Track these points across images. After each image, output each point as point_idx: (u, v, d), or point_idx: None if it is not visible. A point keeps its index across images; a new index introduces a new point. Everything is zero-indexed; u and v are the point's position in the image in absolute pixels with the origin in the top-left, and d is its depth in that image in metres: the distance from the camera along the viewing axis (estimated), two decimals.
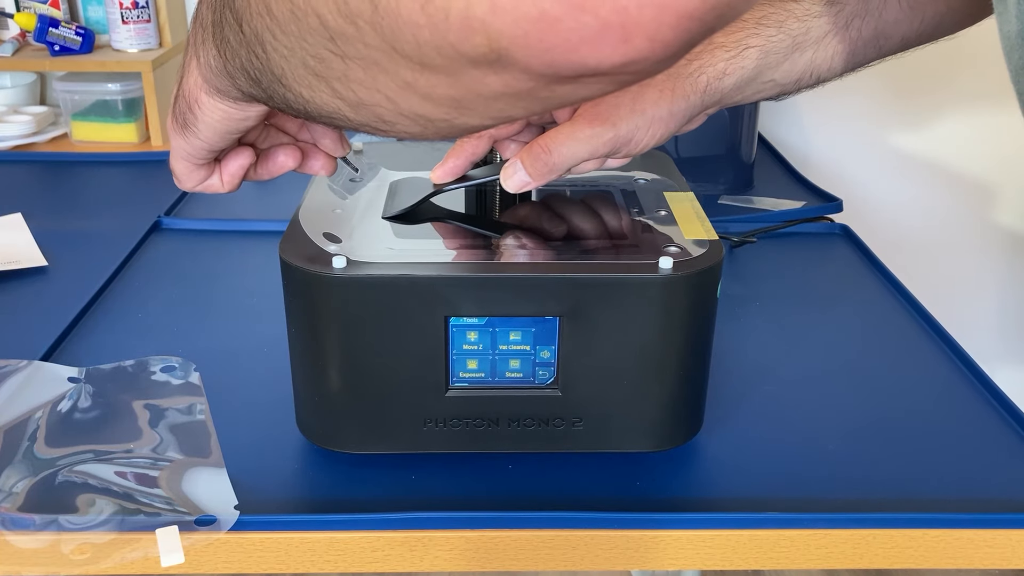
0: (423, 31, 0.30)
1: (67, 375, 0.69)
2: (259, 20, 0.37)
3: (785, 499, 0.59)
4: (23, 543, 0.54)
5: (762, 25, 0.61)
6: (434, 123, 0.37)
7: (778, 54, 0.61)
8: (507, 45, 0.29)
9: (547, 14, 0.28)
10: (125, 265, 0.90)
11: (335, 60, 0.35)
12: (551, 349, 0.57)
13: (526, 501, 0.58)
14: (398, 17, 0.31)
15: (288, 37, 0.36)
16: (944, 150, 1.53)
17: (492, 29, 0.29)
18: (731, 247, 0.96)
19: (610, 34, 0.28)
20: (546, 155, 0.57)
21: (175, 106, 0.51)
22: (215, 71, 0.45)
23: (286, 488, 0.59)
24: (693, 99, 0.60)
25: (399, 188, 0.67)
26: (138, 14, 1.29)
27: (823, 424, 0.67)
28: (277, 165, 0.57)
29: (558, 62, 0.30)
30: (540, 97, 0.33)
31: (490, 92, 0.33)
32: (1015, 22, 0.44)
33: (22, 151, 1.27)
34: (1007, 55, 0.47)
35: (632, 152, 0.60)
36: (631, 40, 0.29)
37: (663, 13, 0.28)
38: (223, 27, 0.42)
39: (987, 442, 0.66)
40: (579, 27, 0.28)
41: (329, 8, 0.33)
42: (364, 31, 0.32)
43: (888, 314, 0.84)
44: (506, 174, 0.58)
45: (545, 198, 0.67)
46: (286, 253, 0.56)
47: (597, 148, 0.58)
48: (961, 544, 0.58)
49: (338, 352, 0.57)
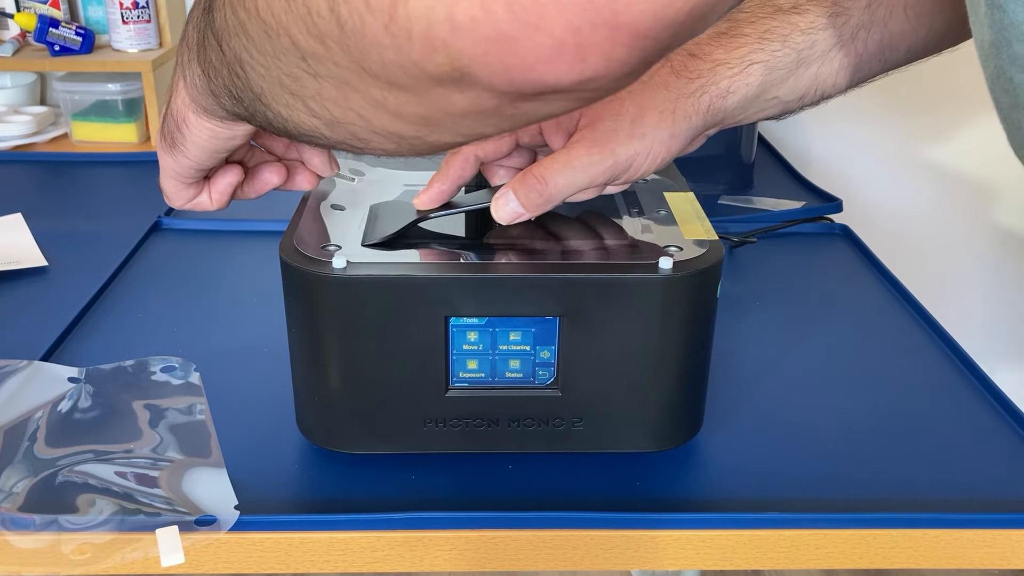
0: (388, 51, 0.31)
1: (67, 375, 0.69)
2: (237, 40, 0.38)
3: (785, 499, 0.59)
4: (23, 543, 0.54)
5: (766, 40, 0.58)
6: (407, 140, 0.38)
7: (783, 70, 0.58)
8: (468, 63, 0.30)
9: (504, 34, 0.29)
10: (125, 265, 0.90)
11: (308, 79, 0.36)
12: (551, 349, 0.57)
13: (526, 501, 0.58)
14: (363, 37, 0.31)
15: (264, 56, 0.37)
16: (944, 150, 1.53)
17: (453, 49, 0.30)
18: (731, 247, 0.96)
19: (565, 53, 0.29)
20: (541, 185, 0.54)
21: (163, 126, 0.51)
22: (200, 90, 0.46)
23: (286, 488, 0.59)
24: (695, 120, 0.57)
25: (380, 212, 0.62)
26: (138, 14, 1.29)
27: (823, 424, 0.67)
28: (263, 182, 0.58)
29: (517, 80, 0.30)
30: (507, 114, 0.34)
31: (457, 110, 0.34)
32: (987, 31, 0.44)
33: (22, 151, 1.27)
34: (982, 63, 0.47)
35: (631, 178, 0.57)
36: (587, 59, 0.30)
37: (617, 33, 0.29)
38: (206, 47, 0.43)
39: (987, 442, 0.66)
40: (535, 47, 0.29)
41: (299, 28, 0.33)
42: (333, 50, 0.33)
43: (888, 314, 0.84)
44: (497, 204, 0.55)
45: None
46: (286, 253, 0.56)
47: (595, 177, 0.55)
48: (961, 544, 0.58)
49: (338, 352, 0.57)
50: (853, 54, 0.59)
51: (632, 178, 0.57)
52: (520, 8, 0.28)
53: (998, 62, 0.44)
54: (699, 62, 0.57)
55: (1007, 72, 0.44)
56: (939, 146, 1.53)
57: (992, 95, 0.47)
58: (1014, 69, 0.43)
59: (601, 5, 0.28)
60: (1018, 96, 0.44)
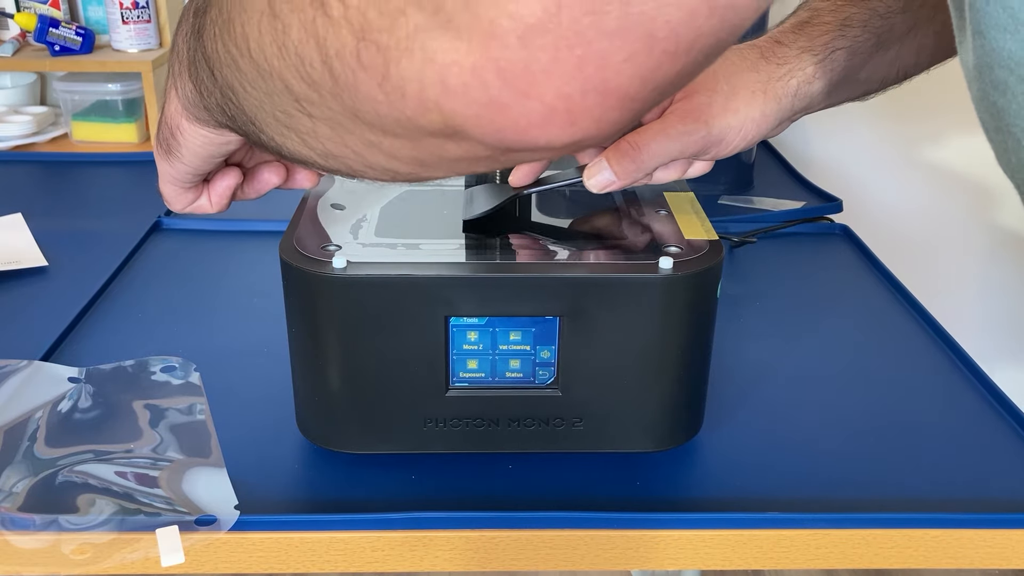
0: (381, 106, 0.31)
1: (67, 375, 0.69)
2: (229, 71, 0.38)
3: (785, 499, 0.59)
4: (23, 543, 0.54)
5: (847, 27, 0.60)
6: (402, 174, 0.38)
7: (863, 54, 0.60)
8: (461, 123, 0.30)
9: (496, 100, 0.29)
10: (125, 265, 0.90)
11: (303, 117, 0.36)
12: (551, 349, 0.57)
13: (526, 501, 0.58)
14: (357, 91, 0.32)
15: (257, 91, 0.37)
16: (944, 150, 1.53)
17: (446, 109, 0.30)
18: (731, 247, 0.96)
19: (556, 118, 0.30)
20: (635, 152, 0.55)
21: (159, 132, 0.51)
22: (193, 103, 0.46)
23: (286, 488, 0.59)
24: (784, 103, 0.59)
25: (475, 193, 0.64)
26: (138, 14, 1.29)
27: (823, 424, 0.67)
28: (263, 182, 0.58)
29: (509, 139, 0.31)
30: (500, 160, 0.35)
31: (451, 156, 0.34)
32: (971, 55, 0.44)
33: (22, 151, 1.27)
34: (968, 84, 0.47)
35: (720, 154, 0.58)
36: (577, 123, 0.30)
37: (606, 98, 0.29)
38: (197, 68, 0.42)
39: (987, 442, 0.66)
40: (527, 112, 0.29)
41: (292, 74, 0.33)
42: (327, 98, 0.33)
43: (888, 314, 0.84)
44: (591, 172, 0.56)
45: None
46: (286, 253, 0.56)
47: (687, 146, 0.56)
48: (961, 544, 0.58)
49: (338, 352, 0.57)
50: (932, 35, 0.61)
51: (720, 154, 0.58)
52: (511, 76, 0.28)
53: (981, 85, 0.45)
54: (785, 49, 0.59)
55: (990, 96, 0.44)
56: (939, 146, 1.53)
57: (978, 115, 0.48)
58: (996, 93, 0.44)
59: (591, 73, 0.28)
60: (1001, 119, 0.45)
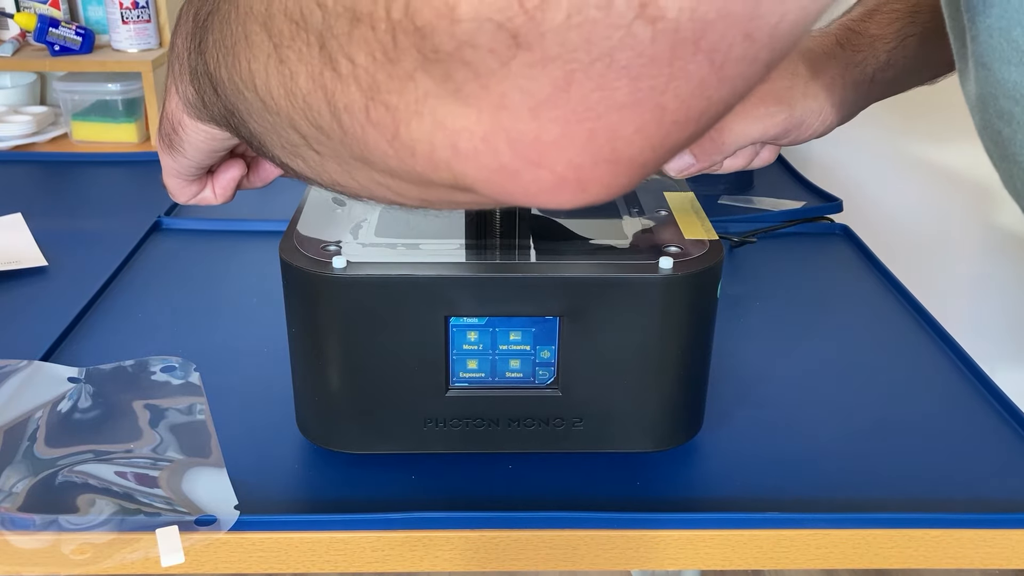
0: (391, 160, 0.31)
1: (67, 375, 0.69)
2: (234, 97, 0.37)
3: (785, 499, 0.59)
4: (23, 543, 0.54)
5: (916, 12, 0.60)
6: (408, 206, 0.38)
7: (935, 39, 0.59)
8: (471, 183, 0.30)
9: (506, 167, 0.29)
10: (125, 265, 0.90)
11: (310, 153, 0.35)
12: (551, 349, 0.57)
13: (526, 501, 0.58)
14: (366, 144, 0.31)
15: (264, 122, 0.36)
16: (944, 150, 1.53)
17: (456, 170, 0.30)
18: (731, 247, 0.96)
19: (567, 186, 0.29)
20: (715, 133, 0.54)
21: (161, 127, 0.51)
22: (194, 105, 0.45)
23: (286, 488, 0.59)
24: (862, 89, 0.59)
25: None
26: (138, 14, 1.29)
27: (823, 424, 0.67)
28: (268, 171, 0.57)
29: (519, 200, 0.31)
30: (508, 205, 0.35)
31: (459, 203, 0.35)
32: (974, 86, 0.44)
33: (22, 151, 1.27)
34: (971, 112, 0.47)
35: (799, 139, 0.57)
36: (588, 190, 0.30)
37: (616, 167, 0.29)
38: (200, 81, 0.42)
39: (987, 442, 0.66)
40: (537, 180, 0.29)
41: (300, 117, 0.33)
42: (335, 144, 0.33)
43: (888, 314, 0.84)
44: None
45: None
46: (286, 253, 0.56)
47: (768, 128, 0.56)
48: (961, 544, 0.58)
49: (338, 352, 0.57)
50: None
51: (800, 138, 0.58)
52: (522, 146, 0.28)
53: (984, 115, 0.45)
54: (859, 37, 0.59)
55: (994, 125, 0.44)
56: (939, 146, 1.53)
57: (983, 143, 0.48)
58: (1001, 123, 0.43)
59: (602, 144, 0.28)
60: (1006, 148, 0.45)
